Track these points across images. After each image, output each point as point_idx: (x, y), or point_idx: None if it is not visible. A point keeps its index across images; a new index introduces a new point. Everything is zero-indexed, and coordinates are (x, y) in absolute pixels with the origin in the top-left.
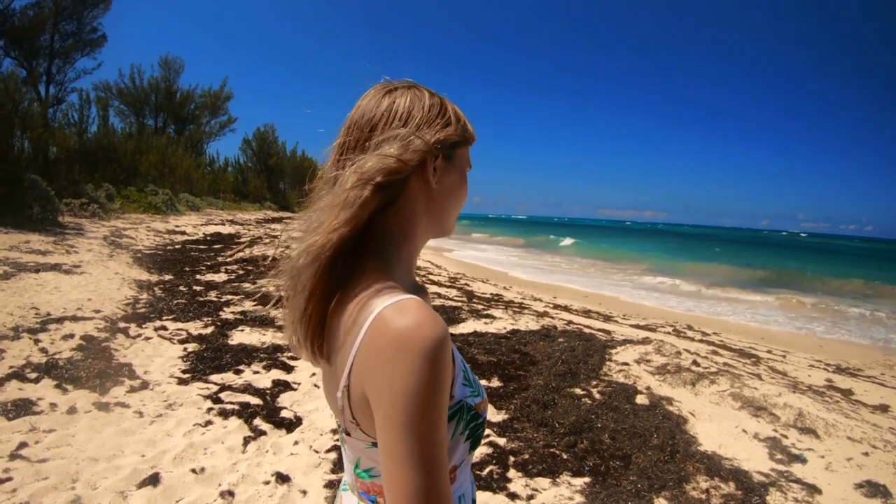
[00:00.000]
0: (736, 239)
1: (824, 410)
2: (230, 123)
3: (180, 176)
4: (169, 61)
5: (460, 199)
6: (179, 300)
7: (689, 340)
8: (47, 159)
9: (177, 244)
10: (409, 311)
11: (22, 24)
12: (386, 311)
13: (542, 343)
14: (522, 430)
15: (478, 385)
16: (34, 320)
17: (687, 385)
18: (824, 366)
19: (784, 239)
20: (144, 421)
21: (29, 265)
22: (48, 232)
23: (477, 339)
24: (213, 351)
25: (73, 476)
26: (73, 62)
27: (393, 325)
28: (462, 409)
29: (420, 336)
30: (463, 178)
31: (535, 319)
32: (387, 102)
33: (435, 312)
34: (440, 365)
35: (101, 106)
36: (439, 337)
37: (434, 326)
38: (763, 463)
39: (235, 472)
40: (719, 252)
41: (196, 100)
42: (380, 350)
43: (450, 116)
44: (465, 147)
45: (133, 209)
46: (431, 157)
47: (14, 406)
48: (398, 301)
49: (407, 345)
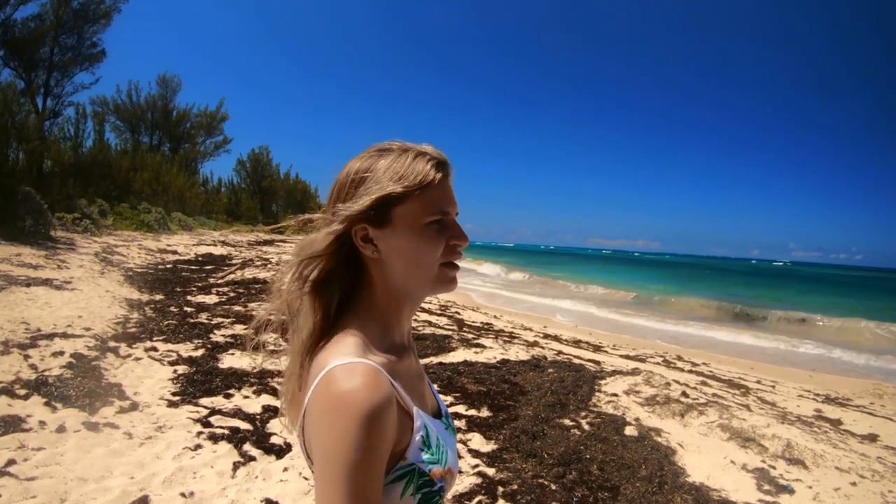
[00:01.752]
0: (728, 268)
1: (812, 441)
2: (225, 144)
3: (174, 195)
4: (167, 79)
5: (419, 257)
6: (170, 321)
7: (679, 371)
8: (41, 172)
9: (168, 264)
10: (353, 375)
11: (22, 36)
12: (335, 369)
13: (532, 373)
14: (511, 461)
15: (443, 453)
16: (24, 335)
17: (676, 416)
18: (814, 396)
19: (775, 269)
20: (134, 442)
21: (20, 279)
22: (40, 245)
23: (467, 368)
24: (203, 374)
25: (62, 496)
26: (72, 76)
27: (334, 385)
28: (413, 472)
29: (356, 401)
30: (414, 234)
31: (525, 349)
32: (338, 176)
33: (382, 379)
34: (372, 430)
35: (98, 121)
36: (374, 405)
37: (372, 394)
38: (751, 494)
39: (225, 497)
40: (711, 281)
41: (192, 119)
42: (321, 405)
43: (374, 178)
44: (412, 200)
45: (125, 226)
46: (357, 231)
47: (3, 422)
48: (348, 363)
49: (342, 406)
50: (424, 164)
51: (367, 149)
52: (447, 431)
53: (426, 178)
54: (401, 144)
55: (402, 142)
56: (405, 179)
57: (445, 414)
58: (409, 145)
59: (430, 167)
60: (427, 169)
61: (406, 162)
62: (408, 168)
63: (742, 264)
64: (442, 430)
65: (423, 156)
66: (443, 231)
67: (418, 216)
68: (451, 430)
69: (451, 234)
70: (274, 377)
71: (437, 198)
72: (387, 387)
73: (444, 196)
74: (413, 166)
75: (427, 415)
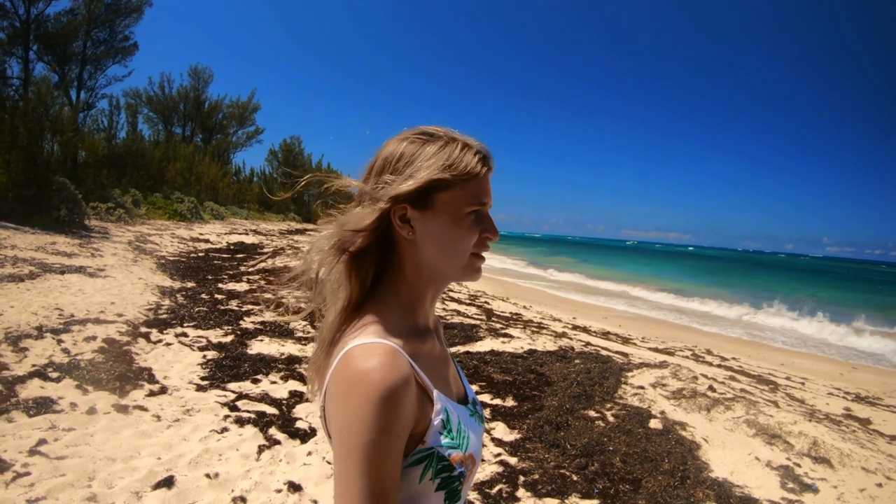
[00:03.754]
0: (761, 262)
1: (840, 440)
2: (257, 134)
3: (206, 184)
4: (198, 71)
5: (454, 244)
6: (201, 308)
7: (707, 365)
8: (76, 163)
9: (200, 252)
10: (371, 355)
11: (55, 31)
12: (354, 349)
13: (559, 364)
14: (534, 451)
15: (464, 439)
16: (58, 321)
17: (702, 410)
18: (843, 394)
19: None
20: (162, 425)
21: (54, 266)
22: (74, 234)
23: (494, 357)
24: (232, 359)
25: (90, 474)
26: (105, 69)
27: (352, 364)
28: (432, 456)
29: (372, 380)
30: (453, 221)
31: (552, 340)
32: (379, 152)
33: (400, 360)
34: (387, 410)
35: (131, 113)
36: (390, 385)
37: (389, 373)
38: (774, 491)
39: (249, 479)
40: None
41: (224, 110)
42: (339, 384)
43: (422, 162)
44: (456, 189)
45: (158, 215)
46: (396, 210)
47: (35, 403)
48: (367, 343)
49: (358, 385)
50: (472, 155)
51: (409, 130)
52: (472, 418)
53: (473, 169)
54: (446, 132)
55: (446, 129)
56: (454, 168)
57: (473, 401)
58: (455, 135)
59: (476, 160)
60: (474, 161)
61: (455, 151)
62: (457, 157)
63: (772, 258)
64: (466, 416)
65: (469, 148)
66: (478, 222)
67: (460, 205)
68: (478, 418)
69: (485, 227)
70: (301, 363)
71: (478, 189)
72: (405, 367)
73: (484, 189)
74: (462, 156)
75: (450, 399)
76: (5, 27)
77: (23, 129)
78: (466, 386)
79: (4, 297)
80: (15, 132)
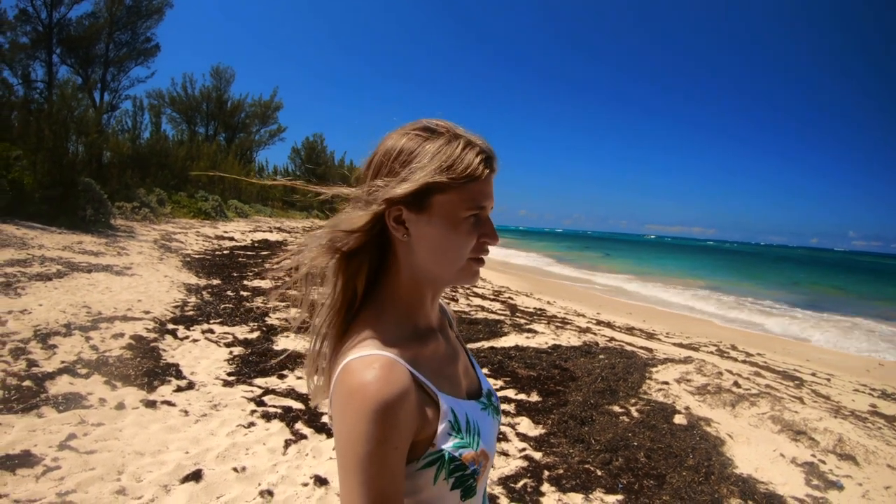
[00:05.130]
0: (786, 257)
1: (865, 437)
2: (280, 133)
3: (230, 183)
4: (220, 71)
5: (450, 248)
6: (226, 304)
7: (732, 361)
8: (101, 164)
9: (225, 249)
10: (367, 368)
11: (78, 34)
12: (351, 363)
13: (583, 359)
14: (559, 446)
15: (474, 436)
16: (85, 318)
17: (726, 406)
18: (870, 390)
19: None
20: (189, 419)
21: (81, 265)
22: (100, 234)
23: (518, 353)
24: (258, 355)
25: (119, 468)
26: (128, 70)
27: (349, 378)
28: (443, 458)
29: (367, 393)
30: (450, 225)
31: (577, 335)
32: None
33: (397, 372)
34: (382, 422)
35: (154, 113)
36: (385, 398)
37: (384, 387)
38: (799, 488)
39: (275, 472)
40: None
41: (246, 109)
42: (338, 397)
43: (420, 162)
44: (453, 191)
45: (183, 214)
46: (390, 211)
47: (64, 399)
48: (364, 356)
49: (354, 400)
50: (474, 156)
51: (411, 123)
52: (484, 412)
53: (474, 171)
54: (448, 128)
55: (449, 124)
56: (452, 170)
57: (487, 392)
58: (459, 132)
59: (478, 161)
60: (476, 162)
61: (456, 151)
62: (457, 158)
63: (796, 253)
64: (477, 411)
65: (472, 147)
66: (477, 226)
67: (457, 208)
68: (492, 410)
69: (483, 231)
70: None
71: (478, 193)
72: (402, 380)
73: (485, 192)
74: (462, 156)
75: (457, 398)
76: (28, 32)
77: (48, 131)
78: (480, 377)
79: (33, 296)
80: (41, 134)
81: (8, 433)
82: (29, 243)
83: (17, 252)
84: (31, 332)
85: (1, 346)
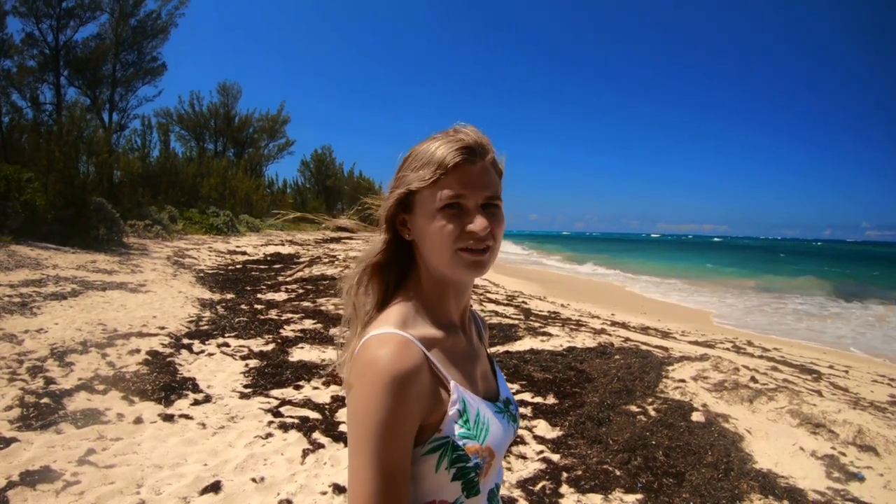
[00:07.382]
0: (801, 251)
1: (885, 427)
2: (288, 146)
3: (240, 198)
4: (227, 87)
5: (433, 240)
6: (241, 318)
7: (749, 356)
8: (112, 183)
9: (238, 264)
10: (383, 344)
11: (84, 55)
12: (370, 339)
13: (599, 360)
14: (576, 447)
15: (482, 430)
16: (101, 336)
17: (744, 402)
18: (888, 381)
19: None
20: (207, 432)
21: (96, 283)
22: (114, 252)
23: (533, 356)
24: (273, 367)
25: (139, 481)
26: (135, 90)
27: (365, 352)
28: (447, 445)
29: (381, 366)
30: (428, 218)
31: (591, 336)
32: None
33: (411, 350)
34: (394, 394)
35: (163, 131)
36: (398, 373)
37: (397, 361)
38: (819, 481)
39: (294, 482)
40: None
41: (254, 124)
42: (355, 370)
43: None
44: (428, 187)
45: (195, 230)
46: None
47: (83, 415)
48: (382, 333)
49: (367, 372)
50: (447, 150)
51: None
52: (499, 415)
53: (444, 162)
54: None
55: (458, 127)
56: (422, 177)
57: (506, 400)
58: (453, 130)
59: (450, 153)
60: (445, 155)
61: (430, 150)
62: (427, 157)
63: (808, 246)
64: (491, 411)
65: (450, 142)
66: (458, 216)
67: (433, 201)
68: (507, 416)
69: (467, 221)
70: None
71: (453, 182)
72: (415, 357)
73: (460, 181)
74: (433, 154)
75: (472, 392)
76: (35, 55)
77: (58, 153)
78: (501, 385)
79: (49, 315)
80: (51, 156)
81: (27, 449)
82: (43, 263)
83: (32, 272)
84: (47, 350)
85: (18, 364)
